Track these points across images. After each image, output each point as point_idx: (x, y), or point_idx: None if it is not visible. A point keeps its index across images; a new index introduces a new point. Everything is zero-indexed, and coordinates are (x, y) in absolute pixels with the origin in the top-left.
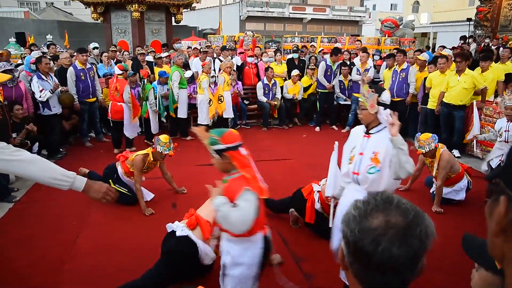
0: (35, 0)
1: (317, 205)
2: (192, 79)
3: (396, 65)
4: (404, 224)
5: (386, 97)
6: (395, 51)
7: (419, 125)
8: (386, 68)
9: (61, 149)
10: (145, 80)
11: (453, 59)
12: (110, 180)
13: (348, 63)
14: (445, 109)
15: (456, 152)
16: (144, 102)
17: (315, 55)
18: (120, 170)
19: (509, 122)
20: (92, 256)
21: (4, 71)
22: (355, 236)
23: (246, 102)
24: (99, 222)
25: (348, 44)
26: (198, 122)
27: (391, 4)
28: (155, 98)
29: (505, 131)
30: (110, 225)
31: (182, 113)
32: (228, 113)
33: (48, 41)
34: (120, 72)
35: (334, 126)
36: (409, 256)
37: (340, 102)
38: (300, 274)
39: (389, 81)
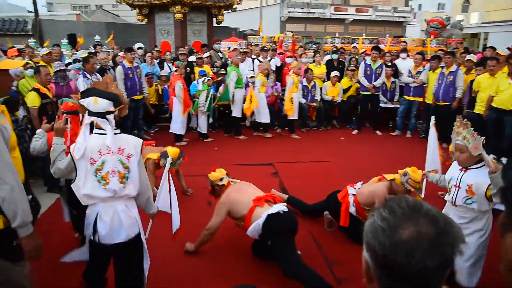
0: (86, 3)
1: (352, 209)
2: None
3: (444, 67)
4: (435, 233)
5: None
6: (441, 52)
7: None
8: (430, 70)
9: None
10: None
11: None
12: None
13: (390, 65)
14: (493, 114)
15: (504, 160)
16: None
17: (356, 57)
18: None
19: (461, 172)
20: None
21: (59, 71)
22: (385, 249)
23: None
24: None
25: (390, 45)
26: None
27: (439, 4)
28: (206, 100)
29: (455, 186)
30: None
31: (237, 112)
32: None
33: (96, 41)
34: (175, 68)
35: (377, 131)
36: (441, 266)
37: (381, 105)
38: (332, 278)
39: (433, 83)
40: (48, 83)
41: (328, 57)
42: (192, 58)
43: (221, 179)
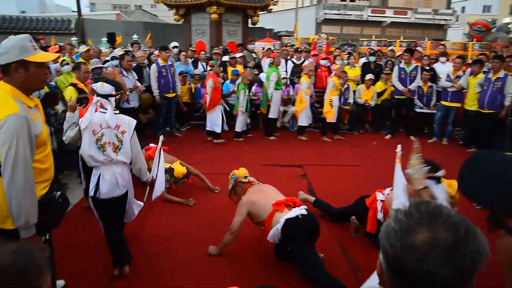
0: (126, 4)
1: (380, 215)
2: (262, 81)
3: (489, 72)
4: (453, 241)
5: (442, 174)
6: (482, 56)
7: (507, 140)
8: (471, 75)
9: None
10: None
11: None
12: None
13: (428, 68)
14: None
15: None
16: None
17: (392, 60)
18: None
19: None
20: (154, 245)
21: (95, 68)
22: (395, 251)
23: (317, 105)
24: (163, 212)
25: (429, 48)
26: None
27: (484, 6)
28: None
29: None
30: (172, 215)
31: (273, 113)
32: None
33: (134, 40)
34: (209, 67)
35: (412, 137)
36: (457, 277)
37: (416, 109)
38: (357, 285)
39: (474, 89)
40: (86, 80)
41: (364, 60)
42: (225, 58)
43: (245, 177)
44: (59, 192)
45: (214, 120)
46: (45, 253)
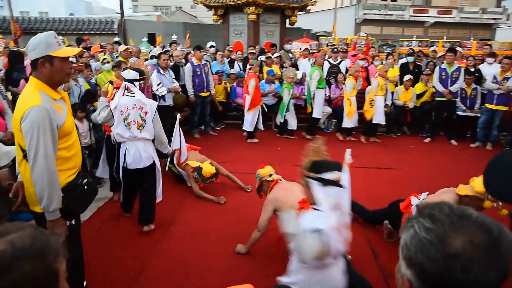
0: (167, 5)
1: None
2: (301, 80)
3: None
4: (489, 243)
5: (330, 176)
6: None
7: None
8: None
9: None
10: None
11: None
12: (168, 159)
13: (473, 69)
14: None
15: None
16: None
17: (434, 61)
18: (175, 159)
19: None
20: (184, 240)
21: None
22: (437, 265)
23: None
24: (193, 208)
25: (475, 49)
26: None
27: None
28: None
29: None
30: (203, 212)
31: (317, 113)
32: (378, 119)
33: (173, 40)
34: (249, 67)
35: (453, 141)
36: (500, 279)
37: (458, 112)
38: None
39: None
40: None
41: (403, 61)
42: (261, 58)
43: (270, 175)
44: (86, 180)
45: (250, 120)
46: (60, 238)
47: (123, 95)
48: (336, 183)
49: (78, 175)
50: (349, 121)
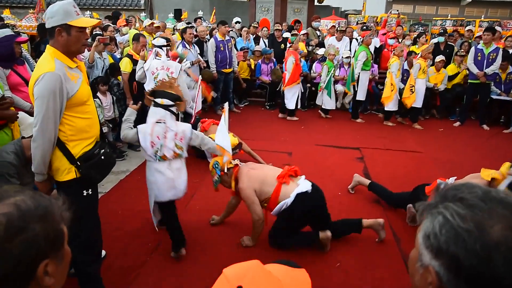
0: None
1: None
2: (325, 58)
3: None
4: None
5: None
6: None
7: None
8: None
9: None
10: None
11: None
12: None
13: (511, 51)
14: None
15: None
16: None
17: (469, 41)
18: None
19: None
20: (202, 212)
21: None
22: (477, 257)
23: (381, 87)
24: (211, 184)
25: None
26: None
27: None
28: (327, 76)
29: None
30: (222, 188)
31: (361, 95)
32: (418, 103)
33: (198, 16)
34: (289, 44)
35: (484, 126)
36: None
37: (492, 96)
38: (407, 276)
39: None
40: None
41: (434, 41)
42: (286, 35)
43: (230, 162)
44: (103, 150)
45: (290, 97)
46: (60, 201)
47: (154, 58)
48: (162, 106)
49: (96, 145)
50: (391, 104)
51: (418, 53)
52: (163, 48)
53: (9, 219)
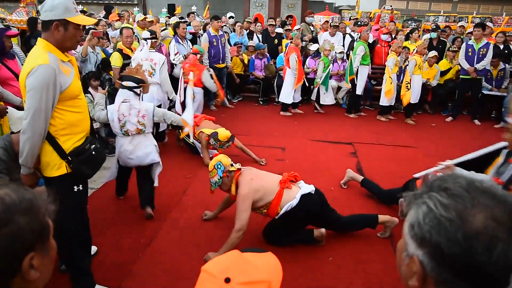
0: None
1: None
2: (318, 53)
3: None
4: (509, 217)
5: (125, 83)
6: None
7: None
8: None
9: None
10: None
11: None
12: (180, 131)
13: (502, 47)
14: None
15: None
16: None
17: (461, 37)
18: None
19: None
20: (195, 208)
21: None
22: (457, 245)
23: (374, 83)
24: (206, 179)
25: (504, 25)
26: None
27: None
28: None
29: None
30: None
31: (360, 90)
32: (414, 98)
33: (191, 11)
34: (290, 41)
35: (476, 121)
36: None
37: (483, 91)
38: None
39: None
40: (130, 45)
41: (427, 36)
42: (279, 30)
43: (231, 164)
44: (94, 146)
45: (289, 92)
46: (44, 195)
47: (140, 51)
48: (127, 87)
49: (86, 140)
50: (386, 99)
51: (414, 49)
52: (147, 40)
53: None
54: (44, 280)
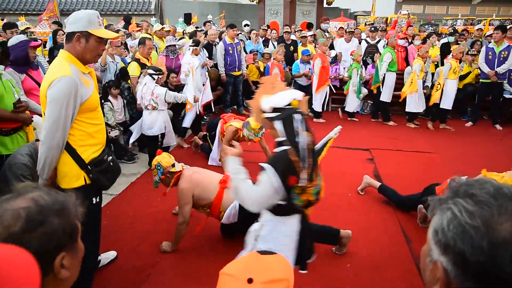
0: None
1: None
2: (335, 59)
3: None
4: None
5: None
6: None
7: None
8: None
9: (204, 117)
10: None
11: None
12: (207, 134)
13: None
14: None
15: None
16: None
17: (480, 40)
18: (218, 129)
19: None
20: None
21: (169, 46)
22: (482, 254)
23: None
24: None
25: None
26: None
27: None
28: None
29: None
30: None
31: (386, 96)
32: (447, 104)
33: (207, 20)
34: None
35: (497, 125)
36: None
37: (505, 95)
38: (418, 277)
39: None
40: (149, 55)
41: (444, 40)
42: (294, 37)
43: (173, 165)
44: (110, 157)
45: (319, 99)
46: (72, 197)
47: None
48: (148, 74)
49: (103, 152)
50: (412, 105)
51: (436, 54)
52: (153, 76)
53: (28, 213)
54: (72, 279)
